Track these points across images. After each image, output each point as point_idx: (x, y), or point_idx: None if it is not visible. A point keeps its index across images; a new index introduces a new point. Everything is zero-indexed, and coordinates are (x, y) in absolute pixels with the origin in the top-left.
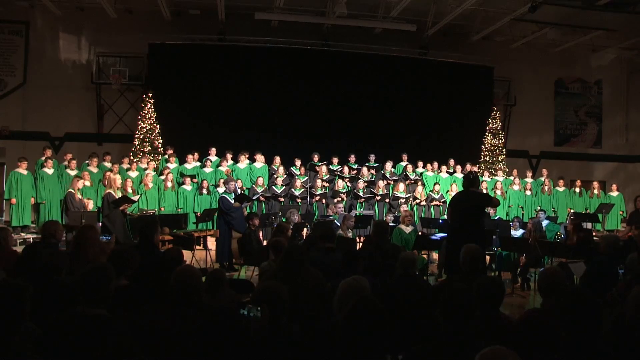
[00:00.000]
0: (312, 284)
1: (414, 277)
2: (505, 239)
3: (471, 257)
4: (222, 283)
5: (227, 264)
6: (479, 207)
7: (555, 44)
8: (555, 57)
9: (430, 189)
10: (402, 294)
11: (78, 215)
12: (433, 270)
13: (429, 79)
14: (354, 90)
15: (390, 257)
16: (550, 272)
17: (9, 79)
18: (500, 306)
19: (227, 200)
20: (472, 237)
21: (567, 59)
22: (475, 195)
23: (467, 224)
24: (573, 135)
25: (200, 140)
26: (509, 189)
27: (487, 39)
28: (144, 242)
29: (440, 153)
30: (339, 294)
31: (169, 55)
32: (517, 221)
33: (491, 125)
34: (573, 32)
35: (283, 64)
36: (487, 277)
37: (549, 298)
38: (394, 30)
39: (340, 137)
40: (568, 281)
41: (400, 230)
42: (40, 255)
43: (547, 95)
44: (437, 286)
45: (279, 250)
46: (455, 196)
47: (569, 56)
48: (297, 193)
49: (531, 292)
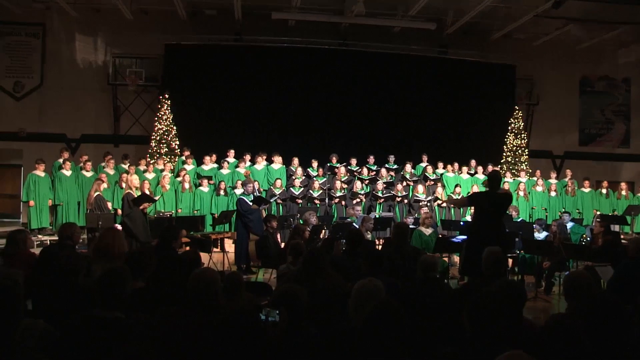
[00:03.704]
0: (333, 288)
1: (434, 281)
2: (528, 242)
3: (493, 260)
4: (239, 286)
5: (245, 267)
6: (502, 208)
7: (580, 41)
8: (580, 54)
9: (451, 190)
10: (423, 297)
11: (95, 217)
12: (454, 273)
13: (449, 79)
14: (373, 90)
15: (410, 259)
16: (576, 275)
17: (26, 80)
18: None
19: (245, 202)
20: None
21: (592, 56)
22: (498, 196)
23: (489, 226)
24: (599, 135)
25: (217, 142)
26: (531, 190)
27: (508, 36)
28: (163, 245)
29: (461, 154)
30: (353, 295)
31: (185, 56)
32: (540, 223)
33: (513, 125)
34: (599, 28)
35: (300, 64)
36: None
37: (574, 303)
38: (413, 29)
39: (359, 138)
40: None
41: (420, 232)
42: (57, 257)
43: (571, 94)
44: (459, 290)
45: (298, 252)
46: (477, 195)
47: (594, 53)
48: (316, 195)
49: (555, 296)
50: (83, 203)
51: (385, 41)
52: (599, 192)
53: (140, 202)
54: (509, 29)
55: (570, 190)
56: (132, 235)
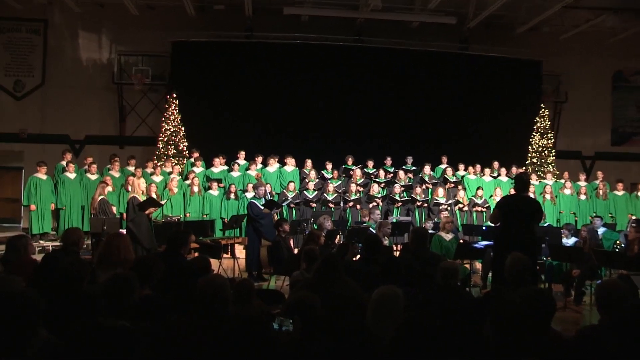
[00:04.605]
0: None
1: (455, 288)
2: (555, 248)
3: (519, 267)
4: (250, 294)
5: (256, 274)
6: (531, 214)
7: (613, 32)
8: (613, 47)
9: (473, 193)
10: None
11: (100, 222)
12: (476, 281)
13: (470, 76)
14: (390, 88)
15: (429, 266)
16: (610, 285)
17: (27, 79)
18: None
19: (256, 206)
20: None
21: (627, 49)
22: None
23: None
24: (634, 134)
25: (227, 143)
26: (559, 194)
27: (534, 30)
28: (171, 251)
29: (483, 155)
30: (372, 304)
31: (193, 54)
32: (569, 228)
33: (539, 124)
34: (635, 18)
35: (314, 62)
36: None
37: (607, 314)
38: (432, 24)
39: (375, 139)
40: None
41: (440, 237)
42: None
43: (603, 90)
44: (482, 298)
45: (312, 258)
46: (506, 199)
47: (630, 45)
48: (330, 198)
49: (587, 306)
50: (87, 207)
51: (402, 37)
52: (634, 195)
53: (145, 207)
54: (535, 22)
55: (602, 194)
56: (136, 242)
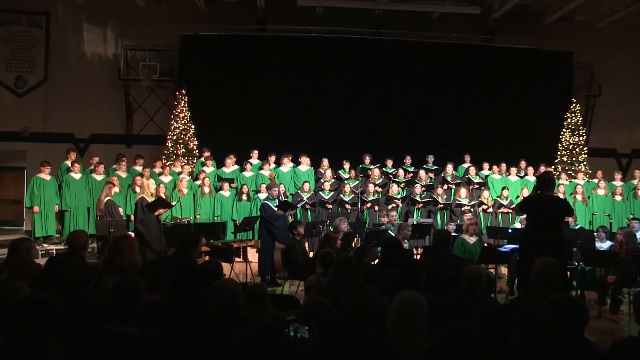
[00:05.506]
0: (367, 301)
1: (479, 294)
2: (588, 252)
3: (548, 272)
4: (263, 299)
5: (270, 278)
6: (560, 213)
7: None
8: None
9: (498, 194)
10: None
11: (106, 224)
12: (502, 286)
13: (496, 69)
14: (410, 83)
15: (452, 270)
16: None
17: (29, 75)
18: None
19: (270, 208)
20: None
21: None
22: (555, 200)
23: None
24: None
25: (239, 141)
26: (592, 194)
27: (564, 19)
28: (181, 254)
29: (509, 153)
30: (394, 310)
31: (203, 48)
32: (604, 231)
33: (570, 119)
34: None
35: (330, 56)
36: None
37: None
38: (455, 14)
39: (394, 136)
40: None
41: (463, 240)
42: (65, 267)
43: None
44: (507, 305)
45: (328, 262)
46: (530, 198)
47: None
48: (347, 199)
49: (624, 316)
50: (93, 209)
51: (423, 29)
52: None
53: (155, 208)
54: (566, 11)
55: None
56: (145, 244)
